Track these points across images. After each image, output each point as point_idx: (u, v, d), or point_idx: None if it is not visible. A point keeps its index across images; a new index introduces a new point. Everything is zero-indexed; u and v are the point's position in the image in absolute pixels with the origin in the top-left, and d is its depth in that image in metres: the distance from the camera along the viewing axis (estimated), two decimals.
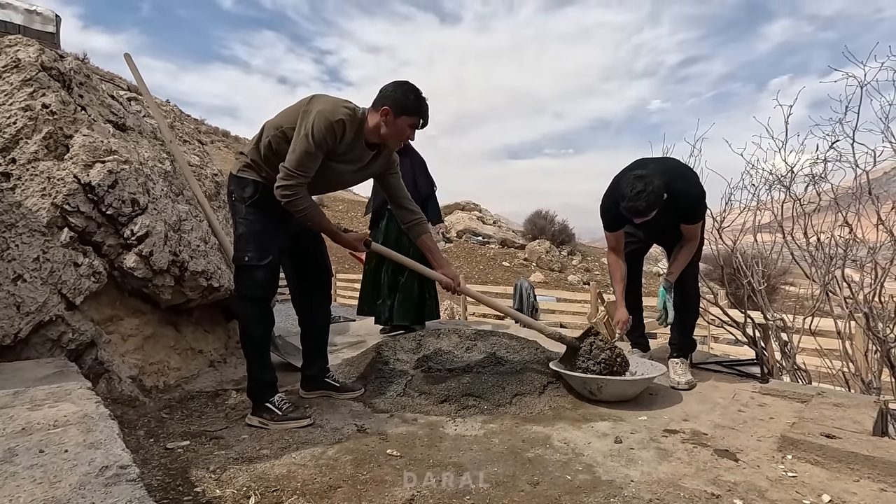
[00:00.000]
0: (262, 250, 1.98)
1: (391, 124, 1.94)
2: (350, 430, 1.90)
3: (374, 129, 1.96)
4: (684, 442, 1.81)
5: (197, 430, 1.91)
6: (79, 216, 2.07)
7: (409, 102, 1.93)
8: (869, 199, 2.96)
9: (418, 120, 1.98)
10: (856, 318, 2.95)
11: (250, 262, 1.97)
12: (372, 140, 2.00)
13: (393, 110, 1.92)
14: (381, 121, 1.93)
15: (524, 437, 1.84)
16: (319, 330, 2.35)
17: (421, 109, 1.96)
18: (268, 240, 2.01)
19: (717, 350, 6.83)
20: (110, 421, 1.24)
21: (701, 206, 2.43)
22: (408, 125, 1.96)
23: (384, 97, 1.94)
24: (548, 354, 2.60)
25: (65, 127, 2.20)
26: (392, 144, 2.04)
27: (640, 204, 2.19)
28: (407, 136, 2.01)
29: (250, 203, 2.00)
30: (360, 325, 4.27)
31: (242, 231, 2.00)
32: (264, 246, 1.99)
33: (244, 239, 1.99)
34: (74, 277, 2.03)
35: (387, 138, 1.98)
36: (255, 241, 1.98)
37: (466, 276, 13.24)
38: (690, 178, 2.44)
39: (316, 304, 2.32)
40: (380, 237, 3.60)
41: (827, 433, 1.71)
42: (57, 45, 2.63)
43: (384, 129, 1.95)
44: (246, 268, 1.98)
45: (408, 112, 1.94)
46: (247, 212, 2.00)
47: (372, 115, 1.96)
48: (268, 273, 2.01)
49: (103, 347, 2.14)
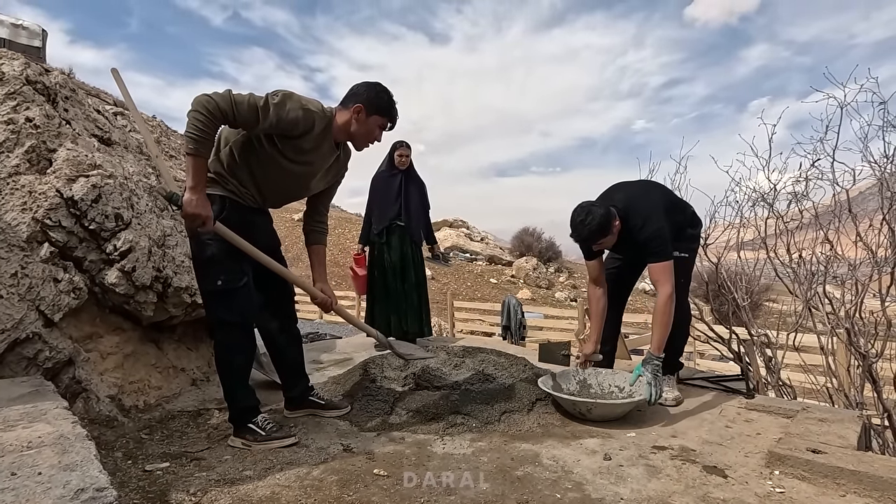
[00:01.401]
0: (235, 271, 1.87)
1: (362, 123, 1.92)
2: (336, 449, 1.86)
3: (343, 126, 1.93)
4: (673, 458, 1.80)
5: (177, 451, 1.85)
6: (60, 231, 2.03)
7: (381, 102, 1.93)
8: (849, 216, 3.03)
9: (387, 122, 1.98)
10: (838, 333, 3.00)
11: (225, 285, 1.85)
12: (339, 138, 1.97)
13: (365, 108, 1.91)
14: (352, 118, 1.91)
15: (513, 455, 1.82)
16: (290, 352, 2.23)
17: (392, 111, 1.97)
18: (240, 258, 1.88)
19: (703, 366, 6.88)
20: (87, 442, 1.19)
21: (656, 242, 2.25)
22: (377, 125, 1.95)
23: (356, 95, 1.92)
24: (536, 371, 2.59)
25: (48, 141, 2.17)
26: (359, 143, 2.01)
27: (582, 233, 2.23)
28: (375, 137, 1.99)
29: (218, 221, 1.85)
30: (347, 342, 4.22)
31: (212, 253, 1.84)
32: (238, 266, 1.88)
33: (214, 261, 1.84)
34: (54, 293, 1.98)
35: (355, 136, 1.96)
36: (227, 261, 1.85)
37: (454, 292, 13.19)
38: (652, 211, 2.31)
39: (277, 326, 2.17)
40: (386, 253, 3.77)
41: (813, 448, 1.72)
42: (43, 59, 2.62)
43: (354, 127, 1.93)
44: (220, 293, 1.86)
45: (380, 112, 1.93)
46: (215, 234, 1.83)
47: (342, 112, 1.93)
48: (246, 295, 1.90)
49: (81, 366, 2.08)
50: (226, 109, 1.68)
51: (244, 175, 1.91)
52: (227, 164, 1.90)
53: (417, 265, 3.89)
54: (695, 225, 2.59)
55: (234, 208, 1.90)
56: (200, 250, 1.87)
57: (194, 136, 1.66)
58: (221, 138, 1.92)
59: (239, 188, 1.92)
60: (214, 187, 1.88)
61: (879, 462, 1.60)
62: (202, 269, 1.89)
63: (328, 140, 1.94)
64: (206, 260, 1.86)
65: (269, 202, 2.04)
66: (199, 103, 1.65)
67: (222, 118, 1.69)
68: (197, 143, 1.67)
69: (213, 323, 1.94)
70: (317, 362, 3.33)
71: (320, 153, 1.95)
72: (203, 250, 1.86)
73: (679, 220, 2.47)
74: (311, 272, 2.17)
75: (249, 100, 1.72)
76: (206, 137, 1.69)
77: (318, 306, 2.13)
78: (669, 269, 2.25)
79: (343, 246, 21.53)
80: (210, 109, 1.65)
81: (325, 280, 2.14)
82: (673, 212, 2.42)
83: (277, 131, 1.82)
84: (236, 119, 1.71)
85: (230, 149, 1.89)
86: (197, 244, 1.88)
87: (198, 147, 1.68)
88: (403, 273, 3.80)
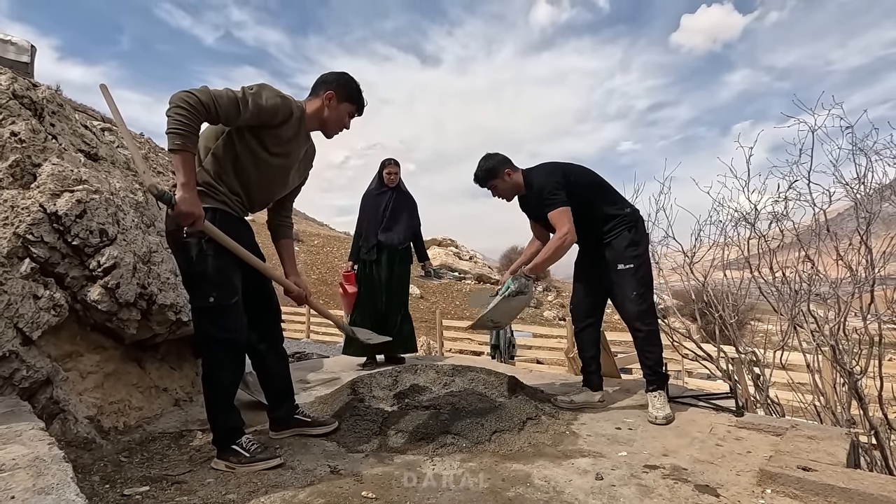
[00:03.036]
0: (228, 287, 1.84)
1: (334, 109, 1.98)
2: (323, 471, 1.82)
3: (314, 113, 1.97)
4: (665, 477, 1.79)
5: (158, 475, 1.79)
6: (42, 246, 1.99)
7: (351, 90, 2.00)
8: (828, 235, 3.10)
9: (356, 108, 2.04)
10: (823, 351, 3.03)
11: (217, 301, 1.82)
12: (311, 126, 2.01)
13: (336, 95, 1.97)
14: (323, 104, 1.96)
15: (504, 476, 1.79)
16: (279, 371, 2.20)
17: (361, 99, 2.04)
18: (232, 274, 1.87)
19: (692, 384, 6.89)
20: (64, 464, 1.15)
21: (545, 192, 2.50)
22: (347, 112, 2.02)
23: (326, 83, 1.98)
24: (526, 390, 2.57)
25: (33, 155, 2.14)
26: (330, 130, 2.05)
27: (476, 171, 2.67)
28: (345, 124, 2.04)
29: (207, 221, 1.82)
30: (335, 361, 4.16)
31: (202, 269, 1.80)
32: (229, 282, 1.86)
33: (204, 277, 1.81)
34: (33, 311, 1.92)
35: (327, 123, 2.00)
36: (218, 277, 1.82)
37: (443, 311, 13.14)
38: (544, 171, 2.61)
39: (265, 346, 2.14)
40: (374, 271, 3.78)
41: (803, 466, 1.72)
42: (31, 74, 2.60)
43: (326, 113, 1.97)
44: (211, 309, 1.82)
45: (350, 99, 2.00)
46: (206, 247, 1.80)
47: (312, 100, 1.98)
48: (237, 312, 1.88)
49: (60, 386, 2.02)
50: (207, 103, 1.66)
51: (231, 179, 1.90)
52: (213, 173, 1.88)
53: (404, 285, 3.89)
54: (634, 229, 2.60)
55: (224, 219, 1.88)
56: (191, 265, 1.83)
57: (180, 132, 1.62)
58: (201, 147, 1.90)
59: (229, 196, 1.91)
60: (204, 199, 1.84)
61: (869, 479, 1.61)
62: (193, 285, 1.86)
63: (304, 128, 1.98)
64: (197, 275, 1.83)
65: (255, 205, 2.05)
66: (179, 99, 1.63)
67: (205, 112, 1.68)
68: (183, 139, 1.63)
69: (201, 340, 1.89)
70: (304, 382, 3.27)
71: (298, 143, 1.98)
72: (194, 265, 1.82)
73: (608, 211, 2.60)
74: (282, 267, 2.19)
75: (228, 93, 1.73)
76: (191, 132, 1.66)
77: (294, 299, 2.17)
78: (564, 215, 2.47)
79: (331, 264, 21.40)
80: (192, 104, 1.64)
81: (296, 273, 2.20)
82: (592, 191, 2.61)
83: (258, 121, 1.82)
84: (218, 113, 1.70)
85: (212, 156, 1.88)
86: (186, 259, 1.83)
87: (185, 142, 1.64)
88: (391, 292, 3.79)
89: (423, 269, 4.21)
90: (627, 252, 2.53)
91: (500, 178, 2.62)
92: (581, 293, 2.77)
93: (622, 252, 2.53)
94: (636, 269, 2.52)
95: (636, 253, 2.55)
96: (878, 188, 3.02)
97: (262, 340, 2.13)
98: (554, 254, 2.47)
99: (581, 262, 2.80)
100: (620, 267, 2.52)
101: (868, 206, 2.96)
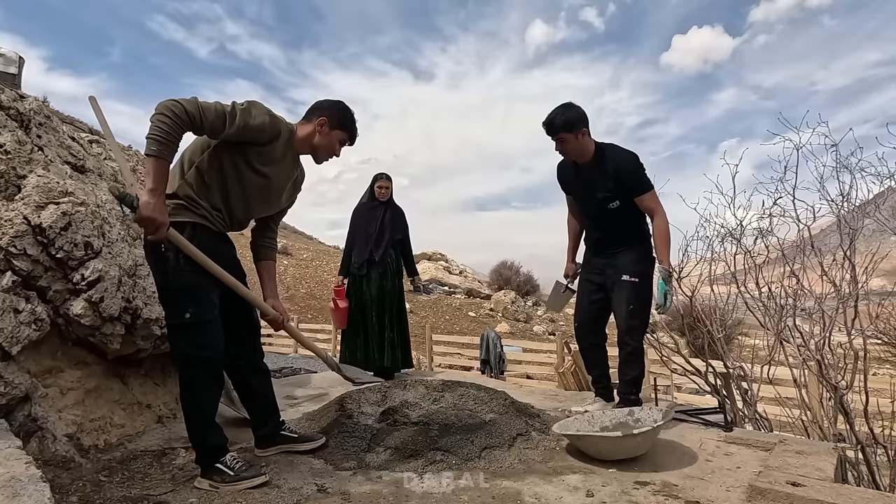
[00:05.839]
0: (205, 303, 1.81)
1: (325, 135, 1.98)
2: (310, 489, 1.78)
3: (305, 138, 1.98)
4: (655, 494, 1.78)
5: (138, 495, 1.74)
6: (24, 259, 1.95)
7: (344, 118, 2.01)
8: (812, 251, 3.15)
9: (348, 137, 2.05)
10: (809, 366, 3.06)
11: (193, 317, 1.77)
12: (302, 150, 2.02)
13: (329, 121, 1.98)
14: (315, 130, 1.97)
15: (494, 494, 1.77)
16: (261, 387, 2.14)
17: (353, 127, 2.05)
18: (210, 290, 1.83)
19: (681, 399, 6.90)
20: (41, 484, 1.12)
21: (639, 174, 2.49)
22: (339, 139, 2.02)
23: (320, 109, 2.00)
24: (517, 405, 2.56)
25: (18, 167, 2.11)
26: (320, 156, 2.06)
27: (553, 116, 2.47)
28: (335, 151, 2.05)
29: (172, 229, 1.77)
30: (323, 377, 4.10)
31: (181, 284, 1.77)
32: (207, 298, 1.82)
33: (181, 293, 1.78)
34: (13, 325, 1.88)
35: (318, 148, 2.01)
36: (196, 293, 1.79)
37: (433, 326, 13.07)
38: (634, 155, 2.53)
39: (244, 362, 2.09)
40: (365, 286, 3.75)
41: (792, 481, 1.72)
42: (18, 85, 2.58)
43: (317, 139, 1.98)
44: (188, 325, 1.77)
45: (342, 126, 2.01)
46: (183, 262, 1.76)
47: (304, 125, 1.99)
48: (214, 328, 1.84)
49: (39, 402, 1.96)
50: (193, 113, 1.66)
51: (213, 195, 1.88)
52: (196, 187, 1.86)
53: (397, 298, 3.86)
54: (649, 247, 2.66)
55: (204, 234, 1.86)
56: (166, 280, 1.80)
57: (159, 139, 1.61)
58: (185, 160, 1.89)
59: (210, 212, 1.89)
60: (184, 213, 1.83)
61: (857, 494, 1.61)
62: (169, 300, 1.82)
63: (292, 150, 1.98)
64: (172, 291, 1.79)
65: (234, 222, 2.02)
66: (165, 107, 1.62)
67: (189, 122, 1.67)
68: (161, 146, 1.62)
69: (177, 358, 1.86)
70: (291, 398, 3.22)
71: (285, 164, 1.98)
72: (168, 281, 1.79)
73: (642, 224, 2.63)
74: (261, 289, 2.14)
75: (216, 106, 1.73)
76: (171, 140, 1.64)
77: (269, 323, 2.12)
78: (657, 197, 2.53)
79: (321, 279, 21.25)
80: (177, 113, 1.63)
81: (276, 296, 2.15)
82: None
83: (244, 138, 1.82)
84: (203, 124, 1.70)
85: (196, 170, 1.86)
86: (162, 273, 1.80)
87: (161, 149, 1.63)
88: (382, 307, 3.76)
89: (412, 284, 4.20)
90: (635, 266, 2.56)
91: (574, 134, 2.46)
92: (584, 311, 2.76)
93: (630, 264, 2.56)
94: (639, 284, 2.55)
95: (643, 270, 2.58)
96: (862, 204, 3.08)
97: (241, 356, 2.08)
98: (669, 238, 2.49)
99: (585, 275, 2.79)
100: (625, 278, 2.53)
101: (852, 222, 3.02)
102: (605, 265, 2.66)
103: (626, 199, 2.53)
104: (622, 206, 2.53)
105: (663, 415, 2.24)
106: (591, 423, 2.31)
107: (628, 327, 2.53)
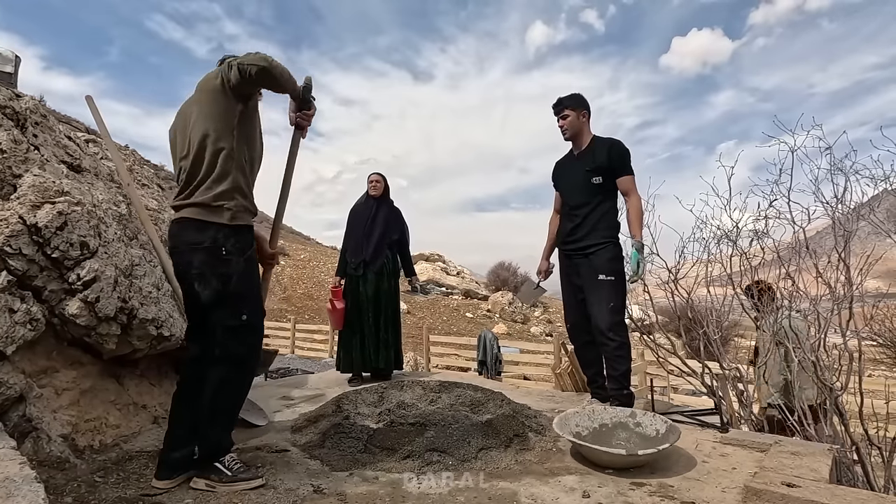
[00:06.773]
0: (259, 305, 1.88)
1: None
2: (306, 490, 1.78)
3: None
4: (651, 495, 1.78)
5: (133, 496, 1.73)
6: (20, 259, 1.94)
7: None
8: (807, 253, 3.16)
9: None
10: (804, 367, 3.06)
11: (249, 319, 1.81)
12: None
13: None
14: None
15: (491, 495, 1.77)
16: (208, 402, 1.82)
17: None
18: (259, 293, 1.91)
19: (678, 400, 6.91)
20: (35, 485, 1.11)
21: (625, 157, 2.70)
22: None
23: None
24: (513, 406, 2.56)
25: (14, 166, 2.10)
26: None
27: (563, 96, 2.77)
28: None
29: (249, 255, 1.84)
30: (320, 377, 4.10)
31: (241, 288, 1.79)
32: (260, 300, 1.89)
33: (240, 296, 1.80)
34: (8, 325, 1.87)
35: None
36: (251, 295, 1.85)
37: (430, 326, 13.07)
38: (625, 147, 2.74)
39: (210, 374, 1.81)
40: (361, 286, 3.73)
41: (787, 482, 1.72)
42: (14, 84, 2.56)
43: None
44: (243, 327, 1.81)
45: None
46: (245, 266, 1.81)
47: None
48: (262, 333, 1.91)
49: (33, 403, 1.95)
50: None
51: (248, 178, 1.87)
52: (241, 182, 1.82)
53: (392, 299, 3.85)
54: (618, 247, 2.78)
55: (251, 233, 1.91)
56: (228, 283, 1.78)
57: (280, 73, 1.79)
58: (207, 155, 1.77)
59: (250, 206, 1.89)
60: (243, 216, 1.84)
61: (852, 495, 1.62)
62: (226, 302, 1.80)
63: None
64: (231, 294, 1.80)
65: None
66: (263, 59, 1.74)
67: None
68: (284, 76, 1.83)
69: (221, 357, 1.79)
70: (287, 398, 3.22)
71: None
72: (228, 284, 1.78)
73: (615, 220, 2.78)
74: None
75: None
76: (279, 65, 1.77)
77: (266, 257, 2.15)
78: (635, 182, 2.73)
79: (318, 279, 21.21)
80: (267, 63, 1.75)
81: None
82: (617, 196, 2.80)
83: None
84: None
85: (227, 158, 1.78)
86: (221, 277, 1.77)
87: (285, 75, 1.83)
88: (378, 307, 3.75)
89: (409, 285, 4.19)
90: (610, 265, 2.65)
91: (578, 112, 2.75)
92: (574, 311, 2.82)
93: (605, 264, 2.65)
94: (616, 282, 2.62)
95: (618, 268, 2.69)
96: (856, 207, 3.10)
97: (206, 358, 1.83)
98: (642, 216, 2.68)
99: (566, 279, 2.85)
100: (602, 277, 2.62)
101: (846, 224, 3.03)
102: (580, 265, 2.73)
103: (608, 180, 2.70)
104: (604, 184, 2.69)
105: (667, 429, 2.17)
106: (591, 418, 2.31)
107: (613, 323, 2.58)
